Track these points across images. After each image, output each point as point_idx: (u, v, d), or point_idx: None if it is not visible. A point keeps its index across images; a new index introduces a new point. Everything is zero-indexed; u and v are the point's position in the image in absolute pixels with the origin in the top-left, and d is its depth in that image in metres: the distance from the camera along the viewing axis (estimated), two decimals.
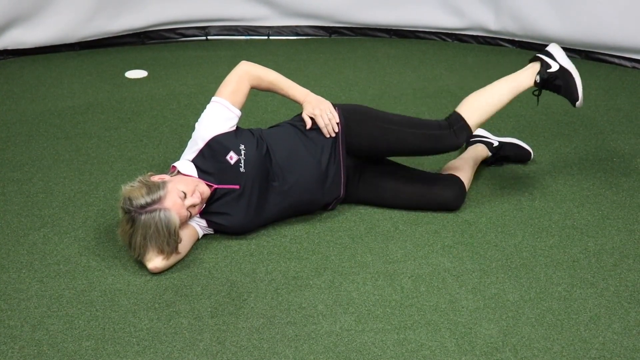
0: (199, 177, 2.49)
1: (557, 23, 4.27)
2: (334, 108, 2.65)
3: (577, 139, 3.34)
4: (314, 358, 2.05)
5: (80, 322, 2.17)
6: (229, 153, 2.49)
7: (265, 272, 2.41)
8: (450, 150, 2.71)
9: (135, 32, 4.50)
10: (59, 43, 4.31)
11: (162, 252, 2.33)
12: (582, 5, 4.18)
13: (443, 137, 2.65)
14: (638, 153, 3.22)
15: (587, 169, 3.08)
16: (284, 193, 2.57)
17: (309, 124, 2.62)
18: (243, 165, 2.49)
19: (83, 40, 4.37)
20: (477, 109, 2.68)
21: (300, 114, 2.67)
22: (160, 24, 4.53)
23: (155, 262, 2.34)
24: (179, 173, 2.50)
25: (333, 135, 2.62)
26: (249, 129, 2.60)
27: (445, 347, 2.10)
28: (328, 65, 4.26)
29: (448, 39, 4.69)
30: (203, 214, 2.53)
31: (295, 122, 2.68)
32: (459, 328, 2.17)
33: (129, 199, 2.32)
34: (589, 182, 2.98)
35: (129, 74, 4.06)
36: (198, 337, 2.12)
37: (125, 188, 2.37)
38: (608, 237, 2.62)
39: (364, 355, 2.06)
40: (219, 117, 2.53)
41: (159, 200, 2.33)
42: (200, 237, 2.55)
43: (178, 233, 2.33)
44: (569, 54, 4.28)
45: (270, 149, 2.57)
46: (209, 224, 2.55)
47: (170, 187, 2.37)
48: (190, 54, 4.40)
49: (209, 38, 4.68)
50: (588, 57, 4.35)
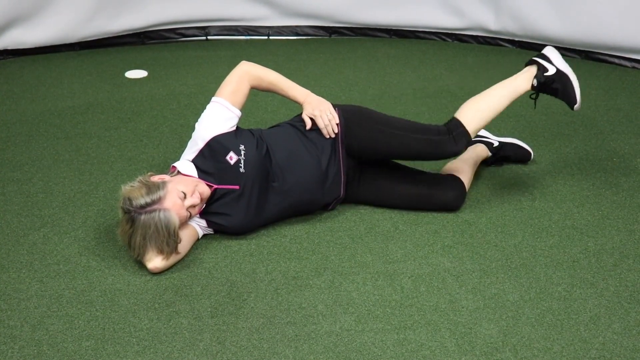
0: (199, 177, 2.49)
1: (557, 23, 4.27)
2: (334, 109, 2.65)
3: (577, 139, 3.34)
4: (314, 358, 2.05)
5: (80, 322, 2.17)
6: (229, 153, 2.49)
7: (265, 272, 2.41)
8: (449, 157, 2.71)
9: (135, 32, 4.50)
10: (59, 43, 4.31)
11: (161, 252, 2.33)
12: (582, 5, 4.17)
13: (442, 142, 2.64)
14: (638, 153, 3.22)
15: (587, 169, 3.08)
16: (284, 193, 2.57)
17: (309, 125, 2.62)
18: (243, 166, 2.49)
19: (83, 40, 4.37)
20: (475, 115, 2.68)
21: (300, 115, 2.67)
22: (160, 24, 4.53)
23: (155, 262, 2.34)
24: (179, 173, 2.50)
25: (333, 136, 2.62)
26: (249, 129, 2.60)
27: (445, 347, 2.10)
28: (328, 65, 4.26)
29: (448, 39, 4.69)
30: (203, 214, 2.53)
31: (295, 122, 2.68)
32: (459, 328, 2.17)
33: (129, 199, 2.32)
34: (589, 182, 2.98)
35: (129, 74, 4.06)
36: (198, 337, 2.12)
37: (125, 188, 2.37)
38: (608, 237, 2.62)
39: (364, 355, 2.06)
40: (219, 117, 2.53)
41: (159, 201, 2.33)
42: (200, 237, 2.55)
43: (178, 233, 2.33)
44: (569, 54, 4.32)
45: (270, 149, 2.57)
46: (209, 224, 2.55)
47: (170, 187, 2.37)
48: (190, 54, 4.39)
49: (209, 38, 4.68)
50: (588, 57, 4.35)
